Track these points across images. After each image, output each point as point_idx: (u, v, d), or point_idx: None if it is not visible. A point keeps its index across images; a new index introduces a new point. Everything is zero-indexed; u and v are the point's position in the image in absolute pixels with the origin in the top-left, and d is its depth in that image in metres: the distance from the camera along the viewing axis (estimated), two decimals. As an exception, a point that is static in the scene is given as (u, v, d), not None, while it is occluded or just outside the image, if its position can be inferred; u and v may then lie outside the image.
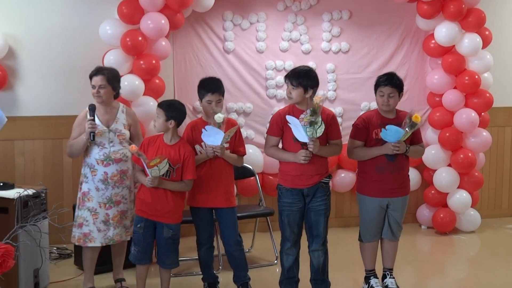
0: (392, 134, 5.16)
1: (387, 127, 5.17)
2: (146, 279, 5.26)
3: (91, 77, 5.33)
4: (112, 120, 5.37)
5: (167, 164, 4.90)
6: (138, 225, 5.11)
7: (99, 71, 5.35)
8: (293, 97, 5.05)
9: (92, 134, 5.17)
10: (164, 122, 5.04)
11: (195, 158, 5.13)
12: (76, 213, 5.39)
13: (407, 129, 5.15)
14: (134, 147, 4.90)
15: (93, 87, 5.31)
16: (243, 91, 7.36)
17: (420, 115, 5.16)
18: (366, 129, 5.34)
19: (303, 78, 5.04)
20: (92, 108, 5.23)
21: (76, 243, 5.38)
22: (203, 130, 5.11)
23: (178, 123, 5.11)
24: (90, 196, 5.31)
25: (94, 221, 5.29)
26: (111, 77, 5.34)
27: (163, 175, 4.95)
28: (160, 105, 5.11)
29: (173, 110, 5.07)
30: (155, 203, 5.03)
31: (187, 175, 5.07)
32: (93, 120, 5.20)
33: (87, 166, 5.35)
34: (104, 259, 5.66)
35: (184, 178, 5.07)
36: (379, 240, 5.54)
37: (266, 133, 5.36)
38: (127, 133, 5.40)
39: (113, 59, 6.36)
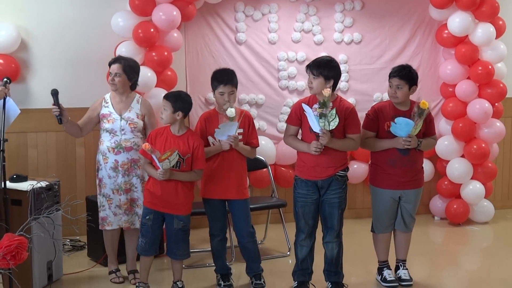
0: (402, 127, 5.14)
1: (396, 120, 5.16)
2: (150, 269, 5.31)
3: (109, 65, 5.48)
4: (125, 108, 5.46)
5: (177, 155, 4.92)
6: (147, 217, 5.13)
7: (117, 59, 5.50)
8: (313, 86, 5.06)
9: (58, 118, 5.32)
10: (172, 113, 5.05)
11: (204, 147, 5.14)
12: (99, 198, 5.55)
13: (416, 119, 5.12)
14: (147, 145, 4.91)
15: (110, 74, 5.44)
16: (255, 82, 7.34)
17: (427, 102, 5.14)
18: (377, 120, 5.32)
19: (324, 68, 5.04)
20: (54, 93, 5.32)
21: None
22: (216, 130, 5.13)
23: (185, 114, 5.13)
24: (104, 183, 5.45)
25: (110, 206, 5.45)
26: (127, 67, 5.45)
27: (173, 166, 4.96)
28: (167, 97, 5.12)
29: (180, 101, 5.08)
30: (165, 195, 5.04)
31: (197, 165, 5.08)
32: (55, 104, 5.29)
33: (100, 154, 5.49)
34: (118, 251, 5.70)
35: (194, 168, 5.08)
36: (392, 232, 5.53)
37: (286, 121, 5.37)
38: (140, 122, 5.44)
39: (125, 51, 6.36)
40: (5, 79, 5.26)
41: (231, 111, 5.06)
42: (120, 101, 5.48)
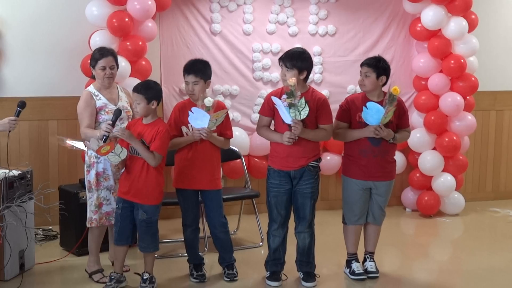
0: (372, 113, 5.15)
1: (367, 104, 5.17)
2: (125, 260, 5.24)
3: (100, 58, 5.23)
4: (117, 98, 5.37)
5: (122, 148, 4.85)
6: (117, 206, 5.11)
7: (108, 51, 5.31)
8: (287, 79, 5.05)
9: (105, 137, 4.94)
10: (146, 105, 4.99)
11: (166, 134, 5.03)
12: (90, 196, 5.29)
13: (387, 106, 5.15)
14: (68, 144, 4.98)
15: (103, 68, 5.24)
16: (229, 73, 7.35)
17: (399, 88, 5.17)
18: (349, 110, 5.35)
19: (297, 60, 5.07)
20: (117, 114, 5.05)
21: (98, 225, 5.30)
22: (189, 112, 5.11)
23: (158, 102, 5.08)
24: (107, 175, 5.29)
25: (115, 199, 5.28)
26: (117, 57, 5.37)
27: (136, 153, 4.94)
28: (137, 90, 5.01)
29: (151, 90, 5.02)
30: (129, 180, 5.02)
31: (153, 147, 4.95)
32: (113, 125, 4.99)
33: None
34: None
35: (150, 149, 4.96)
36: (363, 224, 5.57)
37: (258, 112, 5.39)
38: (131, 109, 5.40)
39: (99, 40, 6.33)
40: (18, 109, 5.17)
41: (209, 101, 5.05)
42: (108, 92, 5.33)
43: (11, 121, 5.10)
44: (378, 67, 5.28)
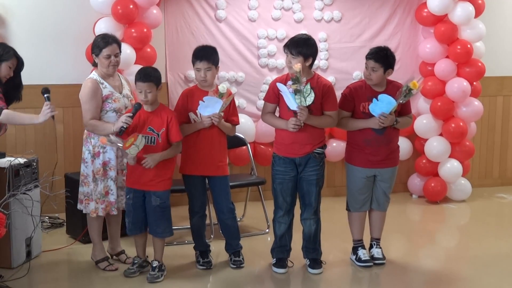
0: (383, 105, 5.12)
1: (379, 96, 5.13)
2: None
3: (105, 46, 5.15)
4: (121, 86, 5.32)
5: (143, 138, 4.87)
6: (128, 196, 5.12)
7: (112, 39, 5.23)
8: (293, 66, 5.02)
9: (122, 129, 4.91)
10: (156, 92, 5.02)
11: (177, 119, 5.07)
12: (94, 187, 5.22)
13: (400, 101, 5.12)
14: (104, 139, 4.89)
15: (108, 56, 5.16)
16: (235, 60, 7.33)
17: (418, 83, 5.14)
18: (353, 99, 5.31)
19: (303, 47, 5.04)
20: (137, 107, 4.99)
21: (104, 214, 5.27)
22: (200, 102, 5.08)
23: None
24: (112, 165, 5.23)
25: (116, 189, 5.27)
26: (120, 45, 5.31)
27: (148, 143, 4.94)
28: (148, 79, 4.98)
29: (157, 76, 5.06)
30: (139, 169, 5.01)
31: (174, 138, 5.03)
32: (132, 118, 4.95)
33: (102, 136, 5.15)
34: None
35: (172, 141, 5.05)
36: (367, 210, 5.55)
37: (263, 99, 5.37)
38: (133, 98, 5.37)
39: (104, 27, 6.32)
40: (46, 95, 5.05)
41: (223, 87, 5.04)
42: (112, 80, 5.26)
43: (45, 108, 4.96)
44: (385, 62, 5.21)
